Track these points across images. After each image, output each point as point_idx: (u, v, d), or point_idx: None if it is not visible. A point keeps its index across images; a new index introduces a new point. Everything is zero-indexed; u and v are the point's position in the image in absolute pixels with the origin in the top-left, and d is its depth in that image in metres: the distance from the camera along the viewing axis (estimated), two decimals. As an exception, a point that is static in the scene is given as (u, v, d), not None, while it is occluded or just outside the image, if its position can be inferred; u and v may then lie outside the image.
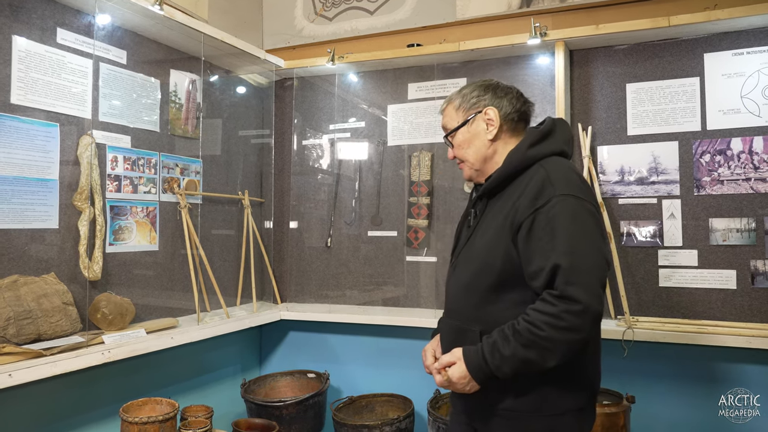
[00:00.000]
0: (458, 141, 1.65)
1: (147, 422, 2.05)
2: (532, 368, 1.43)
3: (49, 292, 2.03)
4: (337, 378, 3.06)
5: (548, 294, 1.41)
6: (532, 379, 1.49)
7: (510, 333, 1.44)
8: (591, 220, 1.46)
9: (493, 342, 1.46)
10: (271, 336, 3.29)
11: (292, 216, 3.29)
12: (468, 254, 1.63)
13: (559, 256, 1.39)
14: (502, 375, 1.45)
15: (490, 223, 1.57)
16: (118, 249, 2.40)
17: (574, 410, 1.52)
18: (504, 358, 1.43)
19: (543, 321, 1.39)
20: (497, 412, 1.55)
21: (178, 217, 2.70)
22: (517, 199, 1.51)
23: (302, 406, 2.69)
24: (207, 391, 2.85)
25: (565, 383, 1.51)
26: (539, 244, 1.43)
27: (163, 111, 2.66)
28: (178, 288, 2.69)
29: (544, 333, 1.38)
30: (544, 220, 1.44)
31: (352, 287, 3.15)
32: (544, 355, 1.40)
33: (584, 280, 1.38)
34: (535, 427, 1.52)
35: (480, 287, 1.55)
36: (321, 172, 3.29)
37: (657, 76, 2.60)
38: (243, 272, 3.08)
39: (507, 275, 1.51)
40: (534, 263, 1.44)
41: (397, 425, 2.55)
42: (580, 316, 1.36)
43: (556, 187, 1.45)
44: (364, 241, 3.13)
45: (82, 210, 2.21)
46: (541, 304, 1.41)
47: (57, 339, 2.00)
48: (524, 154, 1.55)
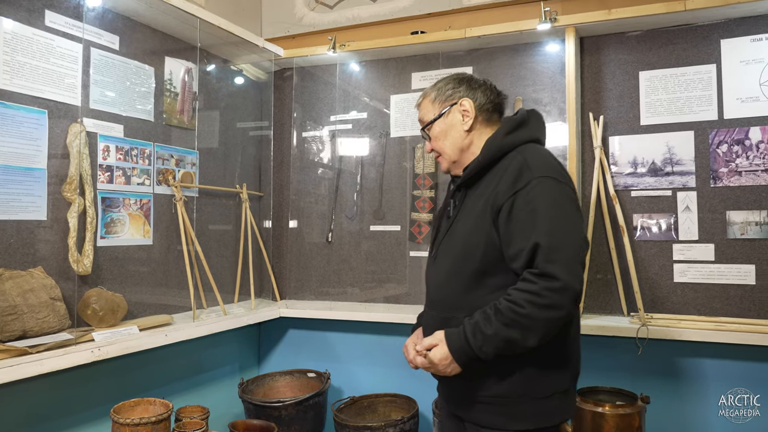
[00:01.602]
0: (435, 133, 1.68)
1: (139, 424, 1.95)
2: (514, 348, 1.44)
3: (35, 286, 1.93)
4: (338, 377, 2.96)
5: (528, 273, 1.43)
6: (516, 362, 1.50)
7: (492, 313, 1.45)
8: (569, 201, 1.50)
9: (475, 322, 1.47)
10: (270, 334, 3.19)
11: (292, 210, 3.18)
12: (448, 244, 1.64)
13: (539, 236, 1.42)
14: (484, 355, 1.46)
15: (470, 211, 1.59)
16: (110, 242, 2.30)
17: (560, 392, 1.54)
18: (486, 338, 1.44)
19: (524, 299, 1.41)
20: (482, 399, 1.56)
21: (173, 210, 2.59)
22: (496, 184, 1.53)
23: (302, 406, 2.58)
24: (203, 392, 2.75)
25: (550, 365, 1.53)
26: (519, 226, 1.46)
27: (158, 100, 2.55)
28: (173, 284, 2.59)
29: (524, 311, 1.40)
30: (523, 202, 1.47)
31: (354, 284, 3.05)
32: (526, 334, 1.42)
33: (563, 258, 1.41)
34: (522, 412, 1.52)
35: (462, 274, 1.57)
36: (321, 165, 3.19)
37: (671, 63, 2.50)
38: (241, 268, 2.98)
39: (489, 260, 1.53)
40: (514, 244, 1.47)
41: (401, 426, 2.45)
42: (560, 293, 1.39)
43: (534, 171, 1.49)
44: (366, 236, 3.03)
45: (72, 201, 2.10)
46: (522, 283, 1.44)
47: (44, 336, 1.89)
48: (501, 141, 1.58)
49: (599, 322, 2.42)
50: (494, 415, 1.55)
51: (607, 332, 2.36)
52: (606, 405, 2.20)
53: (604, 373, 2.47)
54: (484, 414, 1.57)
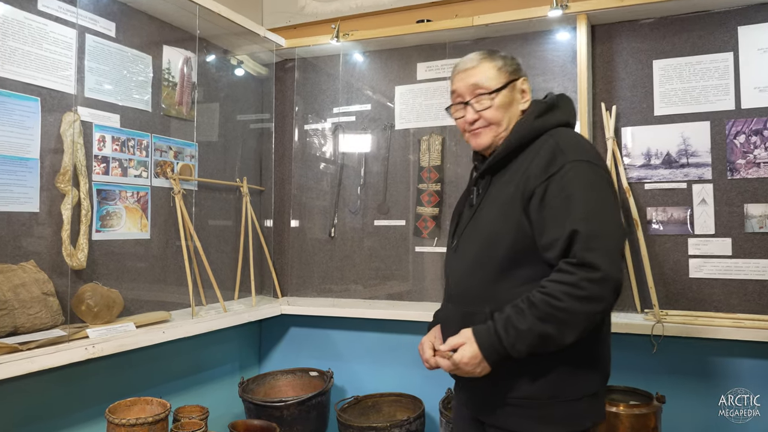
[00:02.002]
0: (499, 102, 1.52)
1: (135, 424, 1.87)
2: (550, 345, 1.34)
3: (27, 281, 1.84)
4: (342, 376, 2.87)
5: (565, 263, 1.33)
6: (547, 362, 1.40)
7: (525, 306, 1.34)
8: (606, 186, 1.41)
9: (507, 317, 1.36)
10: (271, 332, 3.11)
11: (293, 205, 3.10)
12: (472, 232, 1.53)
13: (576, 222, 1.32)
14: (517, 353, 1.35)
15: (497, 198, 1.49)
16: (106, 236, 2.22)
17: (590, 395, 1.44)
18: (519, 334, 1.33)
19: (561, 291, 1.30)
20: (508, 401, 1.45)
21: (171, 203, 2.51)
22: (526, 169, 1.44)
23: (304, 406, 2.50)
24: (202, 391, 2.66)
25: (582, 365, 1.43)
26: (553, 213, 1.36)
27: (156, 90, 2.47)
28: (172, 280, 2.51)
29: (563, 304, 1.29)
30: (557, 188, 1.37)
31: (357, 280, 2.97)
32: (563, 329, 1.31)
33: (603, 246, 1.31)
34: (551, 415, 1.42)
35: (488, 265, 1.46)
36: (324, 159, 3.11)
37: (686, 51, 2.42)
38: (241, 264, 2.90)
39: (519, 249, 1.42)
40: (548, 233, 1.37)
41: (407, 427, 2.37)
42: (601, 285, 1.29)
43: (568, 154, 1.40)
44: (370, 231, 2.94)
45: (66, 192, 2.02)
46: (558, 274, 1.33)
47: (36, 333, 1.81)
48: (532, 124, 1.50)
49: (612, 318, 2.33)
50: (522, 419, 1.44)
51: (620, 329, 2.27)
52: (620, 405, 2.12)
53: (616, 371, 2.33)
54: (511, 417, 1.46)
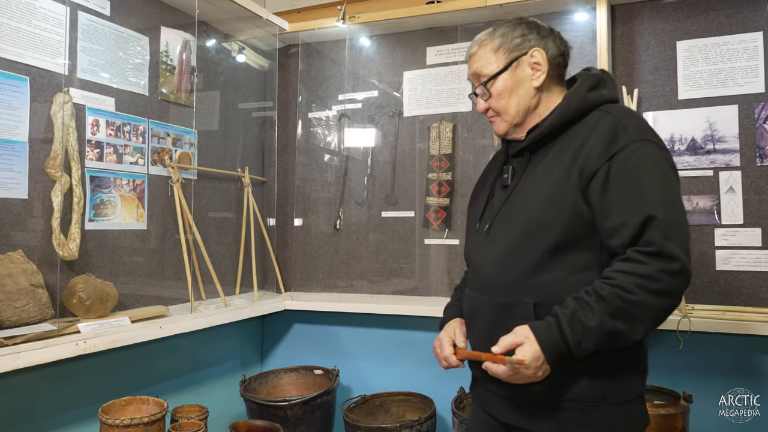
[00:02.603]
0: (499, 89, 1.38)
1: (130, 425, 1.75)
2: (617, 342, 1.21)
3: (14, 271, 1.72)
4: (348, 375, 2.75)
5: (636, 252, 1.19)
6: (596, 360, 1.26)
7: (593, 300, 1.20)
8: (674, 172, 1.29)
9: (572, 312, 1.21)
10: (274, 328, 2.99)
11: (297, 197, 2.98)
12: (509, 216, 1.38)
13: (652, 207, 1.19)
14: (580, 352, 1.22)
15: (543, 178, 1.34)
16: (100, 226, 2.10)
17: (637, 397, 1.33)
18: (587, 331, 1.20)
19: (635, 284, 1.17)
20: (548, 404, 1.31)
21: (169, 193, 2.39)
22: (581, 146, 1.29)
23: (309, 406, 2.38)
24: (202, 390, 2.54)
25: (632, 363, 1.32)
26: (620, 195, 1.23)
27: (153, 73, 2.35)
28: (170, 273, 2.39)
29: (636, 297, 1.17)
30: (622, 168, 1.24)
31: (364, 275, 2.84)
32: (635, 326, 1.19)
33: (681, 235, 1.20)
34: (601, 420, 1.29)
35: (532, 252, 1.31)
36: (329, 148, 2.98)
37: (712, 32, 2.29)
38: (243, 258, 2.78)
39: (572, 235, 1.28)
40: (613, 217, 1.23)
41: (417, 428, 2.25)
42: (678, 278, 1.18)
43: (632, 132, 1.26)
44: (378, 223, 2.82)
45: (56, 179, 1.90)
46: (628, 264, 1.20)
47: (23, 327, 1.69)
48: (585, 98, 1.35)
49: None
50: (568, 424, 1.30)
51: (644, 325, 2.15)
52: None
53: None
54: (554, 422, 1.31)
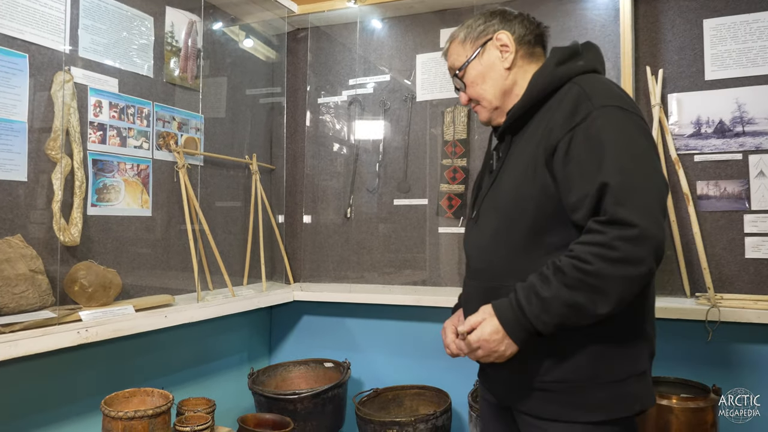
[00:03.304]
0: (471, 77, 1.42)
1: (134, 417, 1.67)
2: (582, 316, 1.17)
3: (13, 257, 1.64)
4: (359, 368, 2.67)
5: (594, 222, 1.16)
6: (583, 337, 1.23)
7: (550, 272, 1.18)
8: (641, 133, 1.23)
9: (529, 285, 1.20)
10: (283, 320, 2.91)
11: (306, 185, 2.89)
12: (493, 200, 1.38)
13: (606, 175, 1.15)
14: (544, 326, 1.18)
15: (518, 159, 1.33)
16: (103, 211, 2.02)
17: (637, 375, 1.27)
18: (544, 303, 1.17)
19: (590, 252, 1.13)
20: (540, 385, 1.29)
21: (175, 179, 2.31)
22: (548, 121, 1.28)
23: (319, 399, 2.30)
24: (209, 382, 2.46)
25: (626, 340, 1.26)
26: (580, 167, 1.19)
27: (158, 55, 2.27)
28: (175, 262, 2.31)
29: (592, 267, 1.13)
30: (583, 137, 1.20)
31: (375, 265, 2.76)
32: (595, 298, 1.14)
33: (640, 200, 1.13)
34: (591, 399, 1.25)
35: (512, 234, 1.31)
36: (339, 135, 2.89)
37: (741, 8, 2.18)
38: (251, 247, 2.70)
39: (544, 214, 1.26)
40: (575, 190, 1.20)
41: (432, 422, 2.16)
42: (637, 244, 1.11)
43: (595, 100, 1.22)
44: (390, 212, 2.73)
45: (57, 161, 1.82)
46: (587, 235, 1.17)
47: (22, 314, 1.61)
48: (553, 72, 1.32)
49: (659, 303, 2.11)
50: (557, 405, 1.27)
51: (670, 315, 2.05)
52: (672, 397, 1.90)
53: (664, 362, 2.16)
54: (545, 403, 1.29)
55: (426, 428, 2.14)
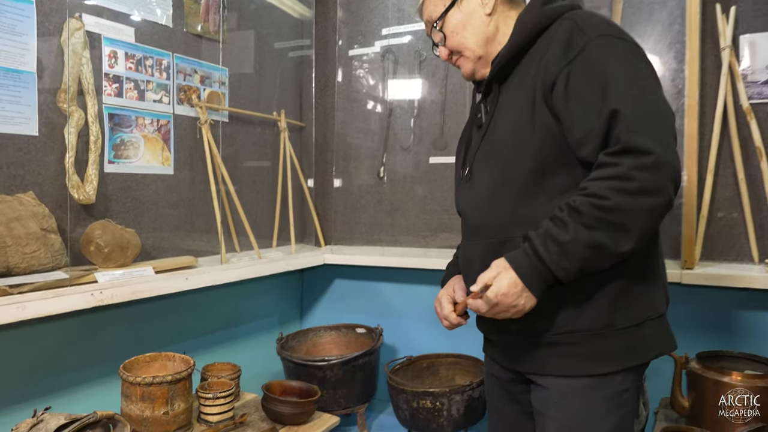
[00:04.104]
0: (451, 27, 1.32)
1: (152, 383, 1.59)
2: (604, 257, 1.07)
3: (23, 215, 1.56)
4: (392, 334, 2.55)
5: (606, 155, 1.06)
6: (593, 283, 1.14)
7: (565, 215, 1.08)
8: (643, 61, 1.13)
9: (545, 232, 1.10)
10: (314, 284, 2.80)
11: (337, 143, 2.75)
12: (486, 153, 1.28)
13: (615, 102, 1.05)
14: (565, 273, 1.09)
15: (511, 105, 1.23)
16: (120, 169, 1.92)
17: (654, 317, 1.18)
18: (563, 248, 1.07)
19: (607, 187, 1.04)
20: (550, 340, 1.19)
21: (197, 135, 2.19)
22: (540, 60, 1.18)
23: (350, 366, 2.19)
24: (237, 347, 2.39)
25: (640, 280, 1.16)
26: (583, 100, 1.10)
27: (177, 2, 2.13)
28: (199, 223, 2.21)
29: (611, 202, 1.03)
30: (583, 69, 1.10)
31: (410, 228, 2.61)
32: (617, 235, 1.05)
33: (652, 126, 1.05)
34: (608, 348, 1.16)
35: (514, 181, 1.20)
36: (371, 89, 2.72)
37: (832, -68, 1.89)
38: (280, 208, 2.58)
39: (547, 155, 1.16)
40: (579, 125, 1.11)
41: (469, 393, 2.03)
42: (655, 171, 1.03)
43: (590, 31, 1.13)
44: (425, 170, 2.56)
45: (69, 114, 1.72)
46: (600, 170, 1.07)
47: (33, 274, 1.54)
48: (540, 12, 1.23)
49: (721, 270, 1.91)
50: (567, 359, 1.18)
51: (734, 283, 1.84)
52: (735, 374, 1.71)
53: (727, 335, 1.97)
54: (553, 359, 1.20)
55: (461, 400, 2.01)
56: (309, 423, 1.83)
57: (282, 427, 1.78)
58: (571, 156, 1.14)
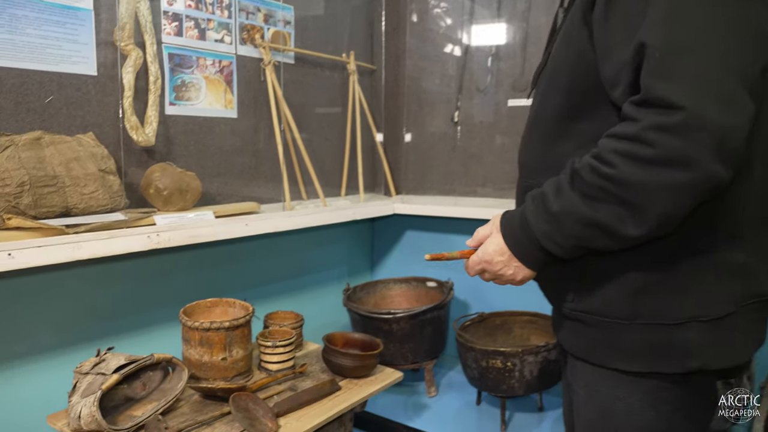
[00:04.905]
0: None
1: (209, 329, 1.56)
2: (606, 239, 0.85)
3: (82, 155, 1.54)
4: (464, 289, 2.42)
5: (629, 104, 0.81)
6: (622, 259, 0.89)
7: (566, 177, 0.88)
8: None
9: (540, 195, 0.92)
10: (385, 235, 2.71)
11: (409, 86, 2.58)
12: (541, 80, 1.06)
13: (646, 29, 0.78)
14: (556, 248, 0.90)
15: (568, 19, 0.98)
16: (182, 111, 1.87)
17: (705, 319, 0.88)
18: (554, 219, 0.88)
19: (615, 151, 0.81)
20: (571, 314, 0.99)
21: (261, 77, 2.11)
22: None
23: (418, 321, 2.09)
24: (301, 297, 2.35)
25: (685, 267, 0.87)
26: (621, 22, 0.82)
27: (239, -65, 2.02)
28: (264, 168, 2.15)
29: (615, 171, 0.80)
30: None
31: (488, 176, 2.43)
32: (623, 214, 0.82)
33: (693, 66, 0.75)
34: (625, 343, 0.92)
35: (544, 120, 1.00)
36: (446, 27, 2.52)
37: None
38: (348, 156, 2.48)
39: (578, 91, 0.92)
40: (614, 56, 0.84)
41: (543, 355, 1.87)
42: (682, 135, 0.75)
43: None
44: (504, 114, 2.36)
45: (127, 53, 1.67)
46: (620, 124, 0.83)
47: (91, 215, 1.52)
48: None
49: None
50: (587, 340, 0.97)
51: None
52: None
53: None
54: (574, 336, 1.01)
55: (535, 362, 1.86)
56: (371, 377, 1.75)
57: (342, 379, 1.72)
58: (607, 97, 0.89)
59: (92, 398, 1.32)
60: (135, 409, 1.46)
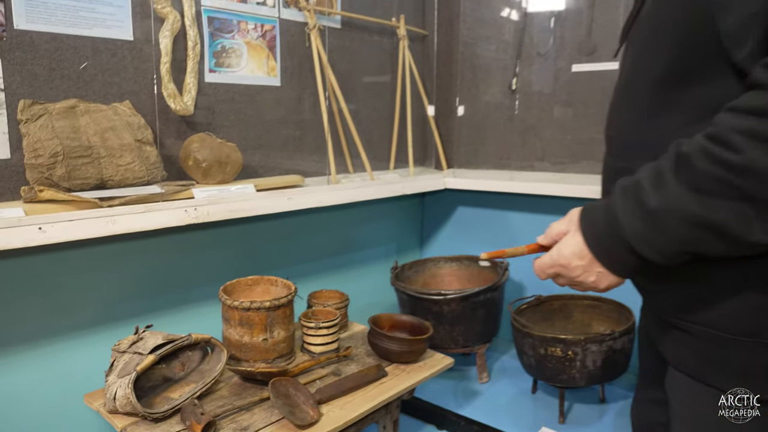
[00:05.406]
0: None
1: (249, 308, 1.48)
2: (723, 244, 0.67)
3: (118, 125, 1.47)
4: (519, 270, 2.27)
5: (761, 68, 0.63)
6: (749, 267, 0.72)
7: (669, 163, 0.69)
8: None
9: (634, 185, 0.73)
10: (436, 211, 2.57)
11: (462, 52, 2.41)
12: (632, 40, 0.86)
13: None
14: (652, 254, 0.72)
15: None
16: (222, 78, 1.78)
17: None
18: (651, 216, 0.69)
19: (740, 130, 0.62)
20: (678, 324, 0.81)
21: (306, 43, 1.99)
22: None
23: (470, 303, 1.96)
24: (346, 275, 2.25)
25: None
26: None
27: None
28: (308, 141, 2.04)
29: (738, 157, 0.62)
30: None
31: (547, 149, 2.25)
32: (746, 213, 0.63)
33: None
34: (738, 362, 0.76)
35: (640, 84, 0.80)
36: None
37: None
38: (398, 128, 2.34)
39: (686, 51, 0.73)
40: (737, 6, 0.65)
41: (608, 344, 1.71)
42: None
43: None
44: (567, 81, 2.16)
45: (164, 16, 1.58)
46: (746, 94, 0.65)
47: (127, 188, 1.45)
48: None
49: None
50: (692, 353, 0.81)
51: None
52: None
53: None
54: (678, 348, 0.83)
55: (599, 351, 1.71)
56: (419, 362, 1.64)
57: (389, 364, 1.61)
58: (725, 56, 0.70)
59: (127, 380, 1.26)
60: (172, 391, 1.40)
